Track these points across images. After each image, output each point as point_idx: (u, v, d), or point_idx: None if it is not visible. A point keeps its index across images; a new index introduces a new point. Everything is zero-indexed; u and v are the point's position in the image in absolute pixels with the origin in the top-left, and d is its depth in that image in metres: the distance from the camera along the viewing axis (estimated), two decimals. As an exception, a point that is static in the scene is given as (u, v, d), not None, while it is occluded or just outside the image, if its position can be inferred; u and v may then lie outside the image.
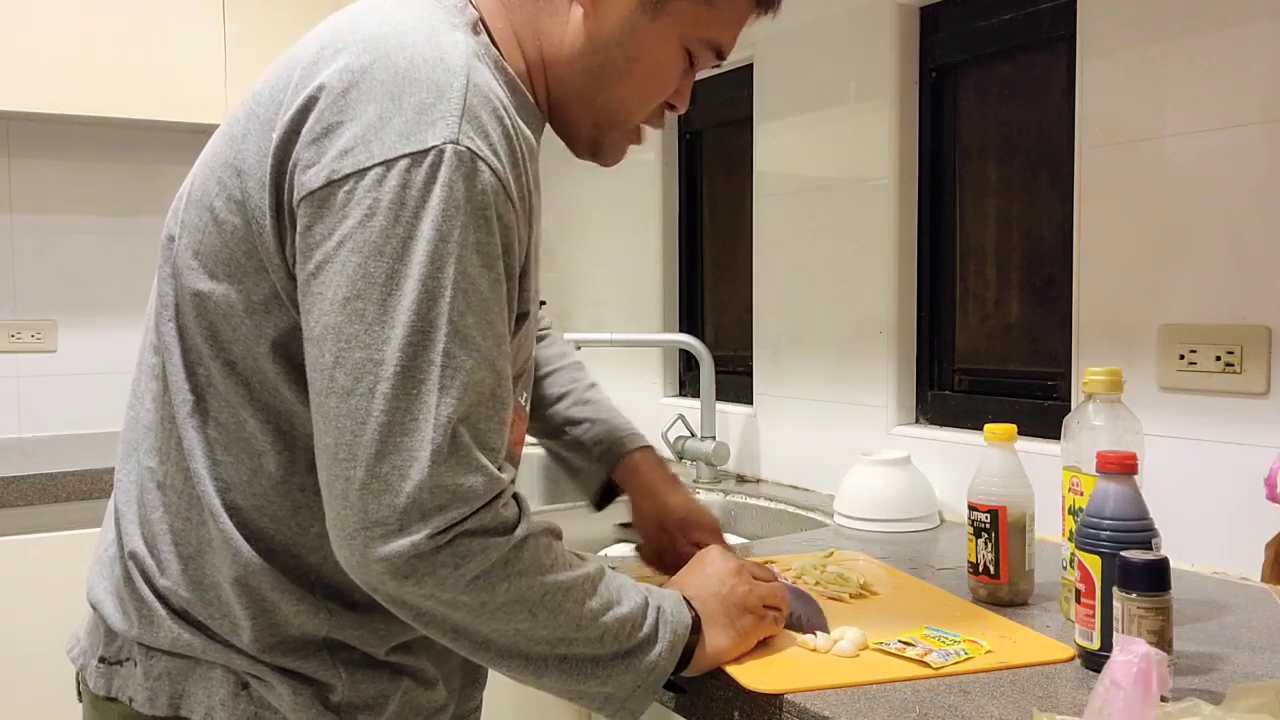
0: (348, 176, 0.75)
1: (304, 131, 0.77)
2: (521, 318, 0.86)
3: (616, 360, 2.41)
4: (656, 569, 1.17)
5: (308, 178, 0.76)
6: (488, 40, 0.86)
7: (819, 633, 0.97)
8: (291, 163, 0.78)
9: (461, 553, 0.74)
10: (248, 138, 0.82)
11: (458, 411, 0.74)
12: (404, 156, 0.74)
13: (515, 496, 0.80)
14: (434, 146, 0.74)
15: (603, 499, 1.20)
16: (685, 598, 0.90)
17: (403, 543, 0.73)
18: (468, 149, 0.75)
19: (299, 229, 0.77)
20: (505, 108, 0.81)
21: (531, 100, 0.90)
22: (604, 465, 1.18)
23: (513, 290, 0.82)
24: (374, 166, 0.74)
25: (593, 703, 0.85)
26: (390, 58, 0.77)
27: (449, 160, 0.74)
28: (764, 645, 0.95)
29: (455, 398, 0.74)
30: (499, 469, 0.77)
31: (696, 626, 0.88)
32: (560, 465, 1.23)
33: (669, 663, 0.85)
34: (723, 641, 0.90)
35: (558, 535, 0.83)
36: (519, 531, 0.77)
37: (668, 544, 1.15)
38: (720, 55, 0.93)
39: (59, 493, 2.00)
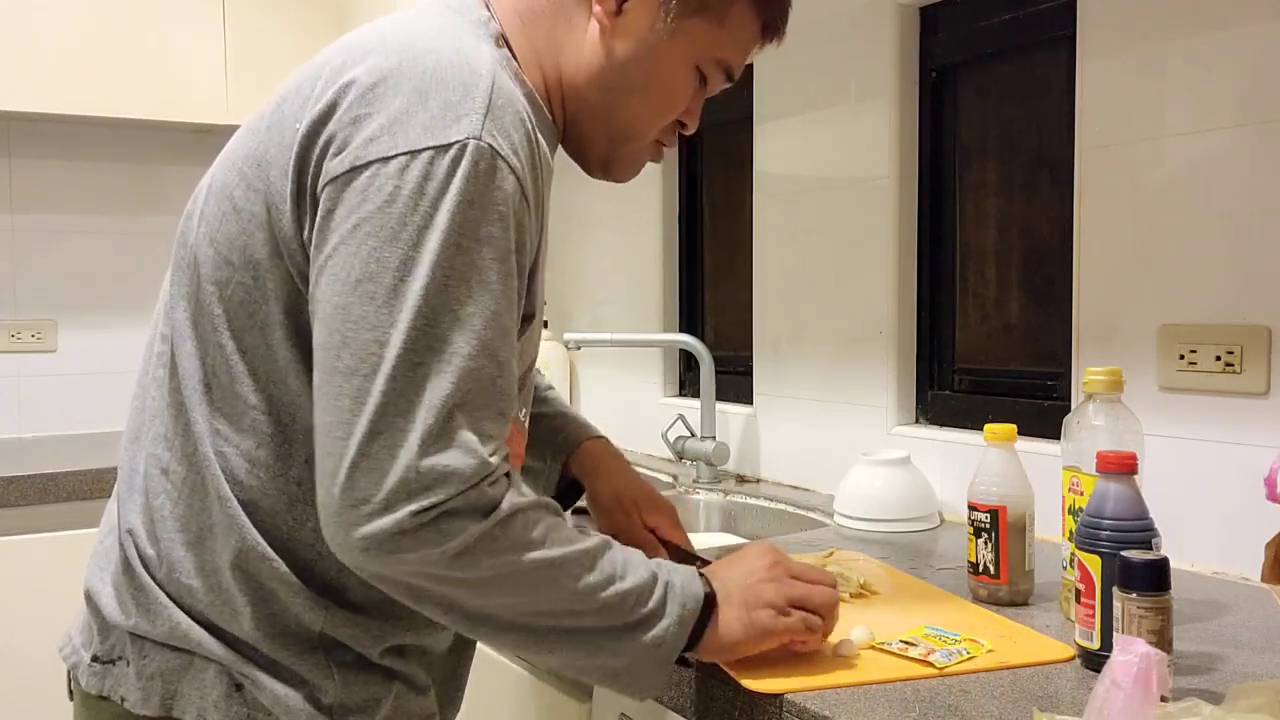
0: (371, 162, 0.77)
1: (330, 123, 0.79)
2: (527, 319, 0.87)
3: (616, 360, 2.41)
4: None
5: (332, 164, 0.78)
6: (509, 54, 0.88)
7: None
8: (316, 151, 0.79)
9: (444, 530, 0.75)
10: (271, 130, 0.84)
11: (453, 397, 0.75)
12: (428, 149, 0.76)
13: (507, 474, 0.80)
14: (458, 141, 0.77)
15: (565, 496, 1.18)
16: (704, 575, 0.88)
17: (386, 520, 0.74)
18: (489, 146, 0.77)
19: (320, 213, 0.79)
20: (527, 113, 0.83)
21: (548, 116, 0.92)
22: (559, 458, 1.17)
23: (521, 288, 0.83)
24: (398, 155, 0.76)
25: (603, 678, 0.85)
26: (418, 59, 0.80)
27: (471, 155, 0.77)
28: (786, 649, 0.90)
29: (452, 383, 0.75)
30: (492, 455, 0.78)
31: (711, 603, 0.86)
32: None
33: (679, 637, 0.83)
34: (735, 629, 0.86)
35: (553, 511, 0.83)
36: (504, 508, 0.77)
37: (624, 524, 1.14)
38: (730, 77, 0.96)
39: (59, 493, 2.00)
